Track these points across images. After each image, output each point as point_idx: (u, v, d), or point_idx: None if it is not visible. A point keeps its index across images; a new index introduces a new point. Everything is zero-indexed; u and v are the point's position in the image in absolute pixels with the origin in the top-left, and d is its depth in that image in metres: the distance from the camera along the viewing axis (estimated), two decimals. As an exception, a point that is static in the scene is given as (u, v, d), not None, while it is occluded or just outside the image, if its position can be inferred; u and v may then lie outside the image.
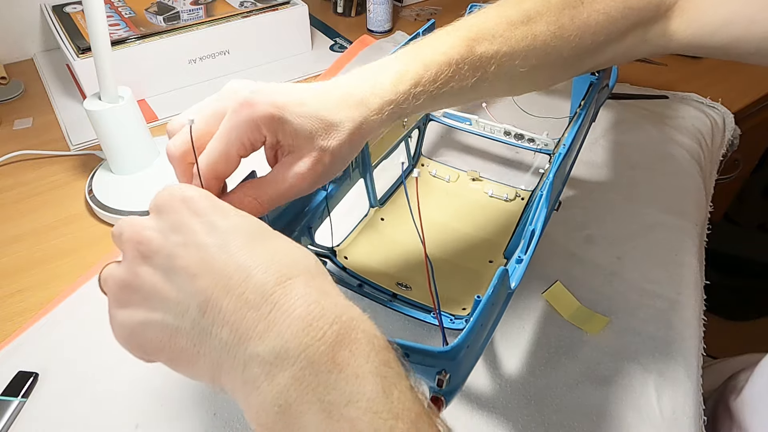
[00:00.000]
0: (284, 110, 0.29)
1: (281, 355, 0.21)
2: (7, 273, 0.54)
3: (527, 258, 0.36)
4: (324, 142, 0.30)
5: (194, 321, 0.23)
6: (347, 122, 0.31)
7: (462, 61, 0.35)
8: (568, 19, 0.39)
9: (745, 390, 0.48)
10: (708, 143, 0.72)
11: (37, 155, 0.69)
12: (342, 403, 0.20)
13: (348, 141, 0.31)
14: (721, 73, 0.86)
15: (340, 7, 1.04)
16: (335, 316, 0.22)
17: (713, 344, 0.51)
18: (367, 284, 0.47)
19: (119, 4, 0.82)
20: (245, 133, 0.29)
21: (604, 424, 0.42)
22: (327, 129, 0.30)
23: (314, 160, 0.30)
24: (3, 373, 0.44)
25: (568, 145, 0.43)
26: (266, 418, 0.21)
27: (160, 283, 0.24)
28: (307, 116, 0.30)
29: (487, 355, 0.46)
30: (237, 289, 0.22)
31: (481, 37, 0.36)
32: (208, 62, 0.82)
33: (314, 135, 0.30)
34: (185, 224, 0.24)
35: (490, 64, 0.37)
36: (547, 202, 0.38)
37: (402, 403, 0.21)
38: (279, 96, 0.30)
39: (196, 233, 0.24)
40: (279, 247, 0.24)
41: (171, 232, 0.24)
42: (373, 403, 0.21)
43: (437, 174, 0.61)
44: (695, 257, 0.55)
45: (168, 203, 0.25)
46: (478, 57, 0.36)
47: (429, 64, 0.34)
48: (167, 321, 0.23)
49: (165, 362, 0.25)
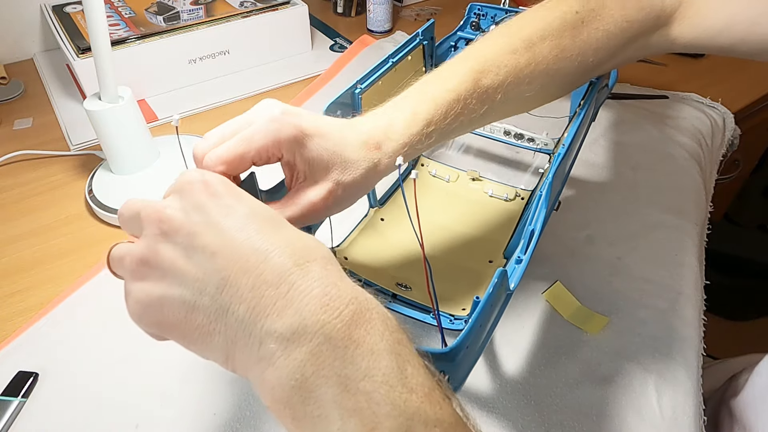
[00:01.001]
0: (307, 137, 0.31)
1: (299, 332, 0.22)
2: (7, 273, 0.54)
3: (527, 258, 0.36)
4: (339, 177, 0.32)
5: (212, 298, 0.23)
6: (363, 162, 0.33)
7: (469, 95, 0.36)
8: (570, 40, 0.40)
9: (745, 390, 0.48)
10: (708, 143, 0.72)
11: (37, 155, 0.69)
12: (358, 377, 0.21)
13: (362, 179, 0.33)
14: (721, 73, 0.86)
15: (340, 7, 1.04)
16: (351, 297, 0.23)
17: (713, 344, 0.51)
18: (367, 284, 0.47)
19: (119, 4, 0.82)
20: (265, 146, 0.30)
21: (604, 424, 0.42)
22: (344, 165, 0.32)
23: (327, 192, 0.32)
24: (3, 373, 0.44)
25: (567, 145, 0.43)
26: (282, 393, 0.22)
27: (181, 260, 0.24)
28: (326, 149, 0.31)
29: (487, 355, 0.46)
30: (255, 269, 0.23)
31: (486, 70, 0.37)
32: (208, 62, 0.82)
33: (330, 168, 0.32)
34: (206, 205, 0.25)
35: (497, 93, 0.38)
36: (546, 202, 0.38)
37: (415, 378, 0.22)
38: (306, 123, 0.31)
39: (217, 214, 0.24)
40: (294, 235, 0.25)
41: (192, 211, 0.25)
42: (388, 377, 0.21)
43: (437, 174, 0.61)
44: (695, 257, 0.55)
45: (189, 185, 0.25)
46: (485, 89, 0.37)
47: (439, 103, 0.35)
48: (185, 297, 0.24)
49: (178, 339, 0.25)
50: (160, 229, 0.25)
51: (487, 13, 0.59)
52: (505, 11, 0.57)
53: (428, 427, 0.21)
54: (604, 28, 0.41)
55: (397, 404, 0.21)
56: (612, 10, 0.41)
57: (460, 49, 0.62)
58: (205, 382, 0.44)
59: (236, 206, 0.25)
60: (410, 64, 0.53)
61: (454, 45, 0.60)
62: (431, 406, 0.22)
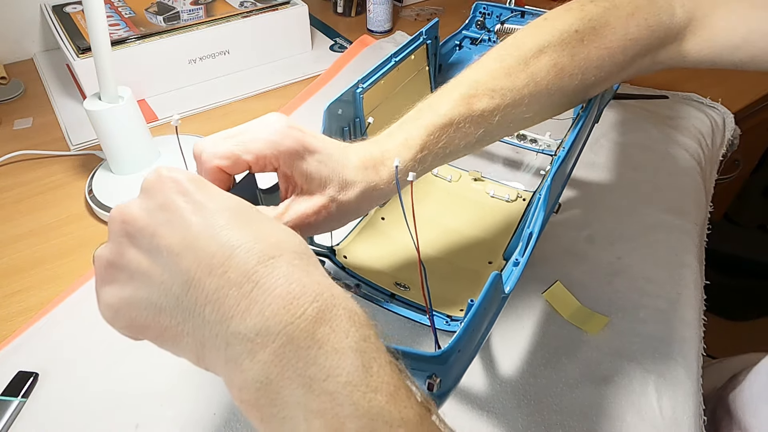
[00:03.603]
0: (307, 152, 0.31)
1: (262, 333, 0.21)
2: (7, 273, 0.54)
3: (524, 261, 0.36)
4: (335, 194, 0.32)
5: (178, 299, 0.23)
6: (360, 184, 0.33)
7: (462, 120, 0.36)
8: (569, 59, 0.39)
9: (744, 389, 0.48)
10: (708, 143, 0.72)
11: (37, 155, 0.69)
12: (321, 377, 0.21)
13: (357, 200, 0.33)
14: (721, 73, 0.86)
15: (340, 7, 1.04)
16: (316, 294, 0.22)
17: (713, 344, 0.51)
18: (366, 284, 0.47)
19: (119, 4, 0.82)
20: (263, 153, 0.30)
21: (604, 424, 0.42)
22: (342, 184, 0.32)
23: (321, 206, 0.32)
24: (3, 373, 0.44)
25: (568, 147, 0.43)
26: (249, 395, 0.22)
27: (145, 261, 0.24)
28: (326, 166, 0.32)
29: (487, 355, 0.46)
30: (220, 268, 0.22)
31: (480, 94, 0.37)
32: (208, 62, 0.82)
33: (327, 184, 0.32)
34: (172, 203, 0.24)
35: (493, 116, 0.38)
36: (545, 204, 0.38)
37: (380, 377, 0.22)
38: (309, 138, 0.31)
39: (182, 212, 0.24)
40: (264, 228, 0.24)
41: (157, 211, 0.24)
42: (352, 377, 0.21)
43: (439, 173, 0.61)
44: (695, 257, 0.55)
45: (157, 183, 0.25)
46: (479, 114, 0.37)
47: (431, 129, 0.36)
48: (152, 299, 0.24)
49: (151, 340, 0.25)
50: (124, 231, 0.24)
51: (493, 12, 0.59)
52: (510, 10, 0.57)
53: (393, 428, 0.21)
54: (607, 46, 0.40)
55: (360, 404, 0.21)
56: (615, 28, 0.40)
57: (465, 48, 0.62)
58: (205, 382, 0.44)
59: (205, 203, 0.24)
60: (413, 63, 0.53)
61: (459, 44, 0.60)
62: (396, 406, 0.22)
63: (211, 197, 0.24)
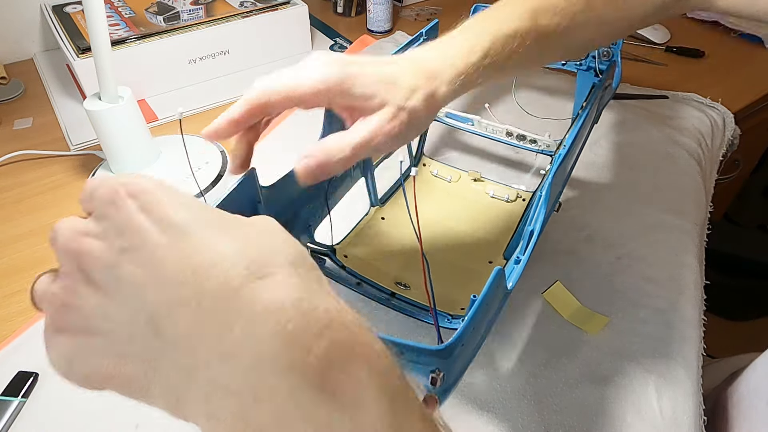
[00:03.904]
0: (360, 74, 0.31)
1: (253, 382, 0.17)
2: (7, 273, 0.54)
3: (525, 258, 0.36)
4: (401, 102, 0.31)
5: (144, 342, 0.19)
6: (422, 89, 0.32)
7: (526, 33, 0.36)
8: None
9: (741, 387, 0.48)
10: (708, 143, 0.72)
11: (37, 155, 0.69)
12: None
13: (424, 107, 0.32)
14: (721, 73, 0.86)
15: (340, 7, 1.04)
16: (325, 323, 0.18)
17: (713, 344, 0.51)
18: (366, 283, 0.47)
19: (119, 4, 0.82)
20: (316, 87, 0.30)
21: (604, 424, 0.42)
22: (403, 93, 0.31)
23: (392, 115, 0.31)
24: (3, 373, 0.44)
25: (568, 147, 0.43)
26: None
27: (103, 300, 0.19)
28: (381, 80, 0.31)
29: (487, 355, 0.46)
30: (193, 299, 0.18)
31: (544, 9, 0.38)
32: (208, 62, 0.82)
33: (389, 97, 0.31)
34: (133, 224, 0.19)
35: (553, 35, 0.38)
36: (545, 203, 0.38)
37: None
38: (358, 59, 0.32)
39: (147, 233, 0.19)
40: (250, 237, 0.20)
41: (115, 236, 0.19)
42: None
43: (439, 174, 0.61)
44: (695, 257, 0.55)
45: (111, 201, 0.20)
46: (543, 29, 0.37)
47: (497, 37, 0.35)
48: (112, 344, 0.19)
49: (118, 391, 0.21)
50: (77, 265, 0.20)
51: None
52: None
53: None
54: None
55: None
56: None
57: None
58: (205, 382, 0.44)
59: (172, 216, 0.19)
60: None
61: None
62: None
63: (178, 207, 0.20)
